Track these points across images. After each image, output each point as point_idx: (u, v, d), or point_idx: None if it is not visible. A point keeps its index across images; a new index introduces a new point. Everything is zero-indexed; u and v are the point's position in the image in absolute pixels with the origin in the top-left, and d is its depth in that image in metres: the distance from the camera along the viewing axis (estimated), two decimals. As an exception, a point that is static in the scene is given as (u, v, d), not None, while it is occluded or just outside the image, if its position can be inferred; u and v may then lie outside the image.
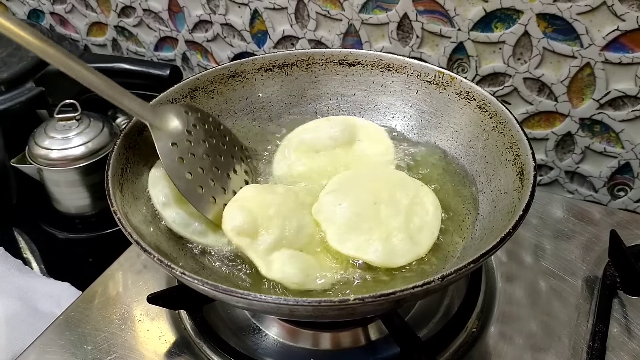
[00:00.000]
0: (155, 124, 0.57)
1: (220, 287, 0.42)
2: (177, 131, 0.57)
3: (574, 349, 0.57)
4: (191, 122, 0.59)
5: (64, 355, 0.58)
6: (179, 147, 0.56)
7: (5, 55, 0.91)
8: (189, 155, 0.57)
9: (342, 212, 0.55)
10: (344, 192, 0.57)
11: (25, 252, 0.85)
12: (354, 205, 0.55)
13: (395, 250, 0.53)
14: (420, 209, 0.57)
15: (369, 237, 0.54)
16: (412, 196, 0.57)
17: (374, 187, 0.58)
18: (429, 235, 0.55)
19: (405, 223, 0.55)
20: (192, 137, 0.58)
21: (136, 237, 0.46)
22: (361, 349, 0.59)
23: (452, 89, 0.64)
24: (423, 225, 0.56)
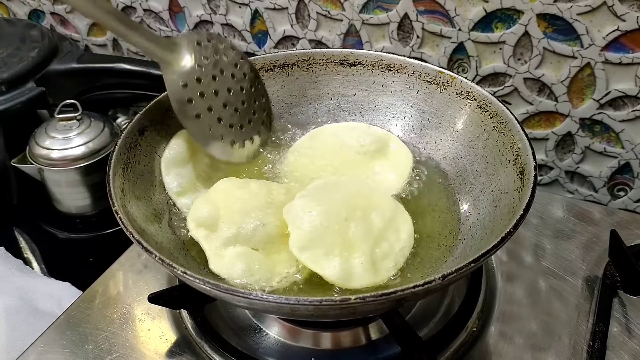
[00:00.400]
0: (166, 59, 0.55)
1: (221, 287, 0.42)
2: (187, 68, 0.56)
3: (574, 348, 0.57)
4: (203, 55, 0.58)
5: (65, 355, 0.58)
6: (189, 87, 0.56)
7: (6, 56, 0.91)
8: (199, 95, 0.56)
9: (309, 219, 0.52)
10: (318, 200, 0.54)
11: (26, 252, 0.85)
12: (324, 216, 0.52)
13: (352, 272, 0.51)
14: (393, 235, 0.54)
15: (330, 252, 0.51)
16: (388, 219, 0.55)
17: (351, 202, 0.55)
18: (392, 265, 0.53)
19: (371, 247, 0.52)
20: (203, 72, 0.57)
21: (137, 237, 0.46)
22: (362, 349, 0.59)
23: (453, 89, 0.64)
24: (390, 253, 0.53)
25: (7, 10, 1.12)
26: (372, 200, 0.56)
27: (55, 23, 1.09)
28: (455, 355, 0.57)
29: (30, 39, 0.95)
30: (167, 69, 0.55)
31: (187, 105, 0.56)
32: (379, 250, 0.53)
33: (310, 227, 0.52)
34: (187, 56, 0.57)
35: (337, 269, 0.50)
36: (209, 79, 0.58)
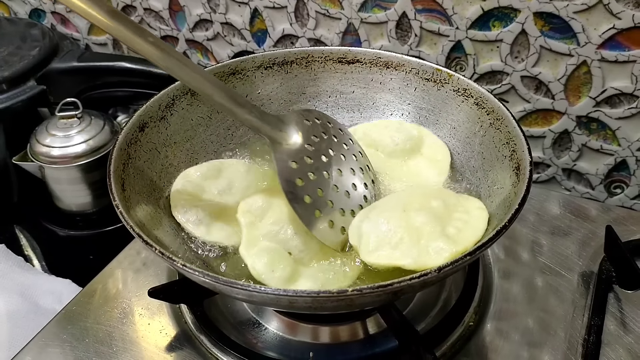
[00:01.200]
0: (276, 137, 0.53)
1: (220, 279, 0.43)
2: (297, 146, 0.54)
3: (570, 342, 0.58)
4: (311, 134, 0.55)
5: (66, 349, 0.59)
6: (299, 166, 0.53)
7: (7, 54, 0.91)
8: (308, 175, 0.53)
9: (367, 227, 0.53)
10: (370, 210, 0.55)
11: (27, 249, 0.86)
12: (382, 217, 0.53)
13: (428, 252, 0.50)
14: (463, 214, 0.54)
15: (400, 243, 0.51)
16: (452, 203, 0.55)
17: (406, 200, 0.55)
18: (471, 233, 0.51)
19: (441, 227, 0.52)
20: (312, 152, 0.54)
21: (138, 231, 0.47)
22: (360, 343, 0.59)
23: (450, 86, 0.65)
24: (464, 228, 0.52)
25: (8, 9, 1.13)
26: (427, 194, 0.57)
27: (55, 22, 1.09)
28: (452, 350, 0.57)
29: (31, 37, 0.96)
30: (277, 148, 0.53)
31: (296, 186, 0.52)
32: (451, 228, 0.52)
33: (374, 233, 0.52)
34: (295, 135, 0.55)
35: (412, 253, 0.50)
36: (319, 160, 0.55)
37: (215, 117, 0.67)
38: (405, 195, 0.57)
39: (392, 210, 0.54)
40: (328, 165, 0.55)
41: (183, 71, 0.49)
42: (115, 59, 0.93)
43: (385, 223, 0.52)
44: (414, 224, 0.52)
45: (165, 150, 0.62)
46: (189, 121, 0.65)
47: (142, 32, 0.47)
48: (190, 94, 0.65)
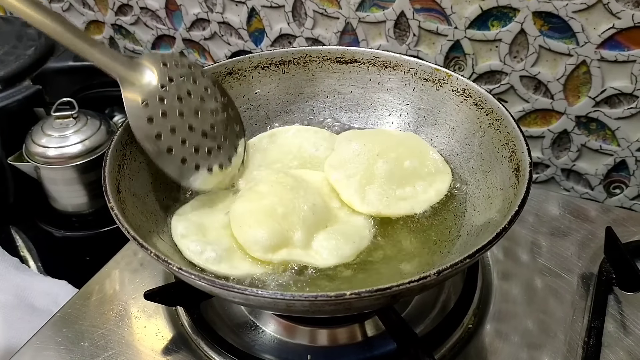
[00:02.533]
0: (127, 77, 0.53)
1: (217, 282, 0.42)
2: (150, 87, 0.54)
3: (570, 345, 0.57)
4: (167, 75, 0.55)
5: (61, 352, 0.58)
6: (150, 106, 0.53)
7: (2, 54, 0.91)
8: (161, 115, 0.53)
9: (346, 146, 0.61)
10: (361, 135, 0.63)
11: (22, 251, 0.85)
12: (359, 146, 0.60)
13: (364, 197, 0.57)
14: (421, 186, 0.59)
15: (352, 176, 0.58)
16: (425, 172, 0.60)
17: (391, 145, 0.61)
18: (408, 207, 0.57)
19: (392, 185, 0.58)
20: (167, 92, 0.54)
21: (133, 233, 0.46)
22: (358, 345, 0.59)
23: (449, 86, 0.64)
24: (409, 198, 0.58)
25: (4, 8, 1.12)
26: (415, 152, 0.61)
27: (51, 21, 1.08)
28: (451, 352, 0.57)
29: (26, 37, 0.95)
30: (127, 87, 0.53)
31: (146, 125, 0.53)
32: (399, 191, 0.58)
33: (344, 152, 0.60)
34: (150, 75, 0.54)
35: (351, 189, 0.57)
36: (173, 100, 0.55)
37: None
38: (396, 142, 0.62)
39: (369, 148, 0.60)
40: (183, 106, 0.55)
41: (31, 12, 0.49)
42: (112, 59, 0.92)
43: (357, 154, 0.60)
44: (374, 169, 0.59)
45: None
46: (186, 122, 0.64)
47: None
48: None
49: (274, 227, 0.53)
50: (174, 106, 0.54)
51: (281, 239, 0.52)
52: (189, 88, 0.57)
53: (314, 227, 0.54)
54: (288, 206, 0.54)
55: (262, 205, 0.54)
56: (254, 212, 0.54)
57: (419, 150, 0.62)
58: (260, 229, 0.52)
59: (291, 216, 0.54)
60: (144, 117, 0.52)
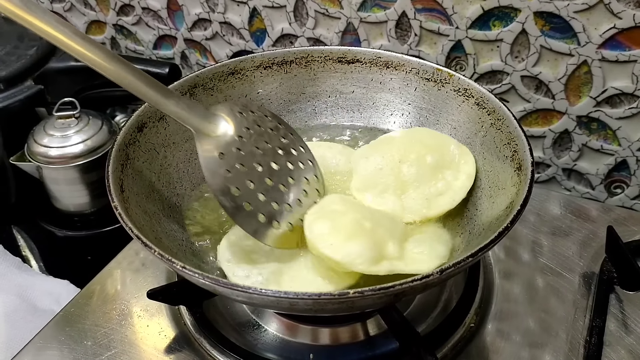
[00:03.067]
0: (203, 129, 0.50)
1: (221, 281, 0.42)
2: (227, 138, 0.51)
3: (571, 343, 0.58)
4: (243, 125, 0.53)
5: (64, 351, 0.58)
6: (226, 158, 0.50)
7: (4, 54, 0.91)
8: (238, 167, 0.51)
9: (365, 164, 0.60)
10: (375, 148, 0.61)
11: (24, 250, 0.85)
12: (379, 160, 0.59)
13: (404, 207, 0.57)
14: (451, 175, 0.58)
15: (384, 191, 0.58)
16: (447, 161, 0.59)
17: (407, 147, 0.60)
18: (448, 201, 0.57)
19: (425, 186, 0.58)
20: (244, 143, 0.52)
21: (136, 232, 0.46)
22: (360, 344, 0.59)
23: (450, 86, 0.64)
24: (446, 191, 0.58)
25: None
26: (429, 145, 0.60)
27: (53, 21, 1.08)
28: (453, 351, 0.57)
29: (28, 37, 0.95)
30: (203, 139, 0.50)
31: (223, 178, 0.50)
32: (433, 189, 0.58)
33: (365, 170, 0.59)
34: (226, 125, 0.52)
35: (390, 204, 0.57)
36: (250, 151, 0.52)
37: (215, 117, 0.66)
38: (409, 142, 0.61)
39: (389, 158, 0.59)
40: (261, 158, 0.52)
41: (105, 63, 0.47)
42: (113, 59, 0.92)
43: (379, 168, 0.59)
44: (402, 176, 0.58)
45: (164, 150, 0.61)
46: (188, 121, 0.64)
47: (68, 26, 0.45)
48: (189, 94, 0.65)
49: (370, 239, 0.49)
50: (251, 157, 0.52)
51: (379, 251, 0.49)
52: (266, 138, 0.54)
53: (402, 237, 0.53)
54: (372, 220, 0.52)
55: (348, 221, 0.51)
56: (342, 228, 0.50)
57: (433, 141, 0.61)
58: (358, 242, 0.49)
59: (379, 229, 0.51)
60: (220, 171, 0.50)
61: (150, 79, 0.49)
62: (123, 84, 0.48)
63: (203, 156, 0.50)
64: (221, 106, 0.54)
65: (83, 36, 0.46)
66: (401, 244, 0.52)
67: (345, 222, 0.51)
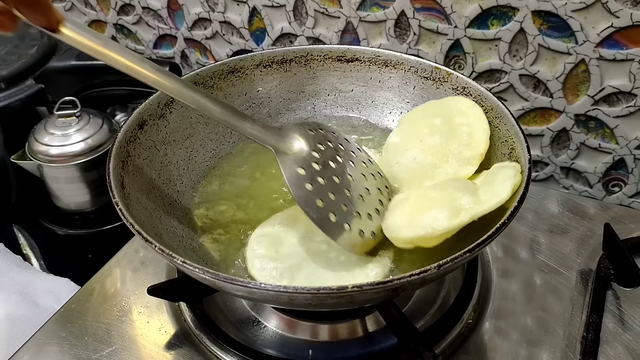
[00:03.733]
0: (280, 148, 0.53)
1: (221, 276, 0.43)
2: (304, 154, 0.53)
3: (569, 340, 0.58)
4: (316, 142, 0.55)
5: (65, 347, 0.59)
6: (307, 173, 0.52)
7: (5, 53, 0.91)
8: (318, 180, 0.53)
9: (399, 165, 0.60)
10: (395, 147, 0.62)
11: (25, 248, 0.86)
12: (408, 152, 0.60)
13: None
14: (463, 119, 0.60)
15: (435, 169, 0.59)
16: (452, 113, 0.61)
17: (414, 128, 0.61)
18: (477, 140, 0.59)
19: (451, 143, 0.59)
20: (320, 158, 0.54)
21: (137, 228, 0.47)
22: (359, 340, 0.59)
23: (449, 84, 0.65)
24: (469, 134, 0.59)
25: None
26: (429, 113, 0.62)
27: (54, 21, 1.09)
28: (451, 347, 0.57)
29: (29, 36, 0.96)
30: (283, 157, 0.53)
31: (307, 191, 0.52)
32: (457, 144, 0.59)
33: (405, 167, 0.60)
34: (300, 143, 0.54)
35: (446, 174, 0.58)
36: (328, 165, 0.54)
37: (214, 115, 0.67)
38: (410, 127, 0.62)
39: (409, 143, 0.60)
40: (337, 170, 0.55)
41: (187, 94, 0.51)
42: (114, 58, 0.92)
43: (411, 156, 0.59)
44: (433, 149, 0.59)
45: (165, 148, 0.62)
46: (188, 119, 0.65)
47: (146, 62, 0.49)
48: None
49: (440, 203, 0.51)
50: (329, 171, 0.54)
51: (454, 207, 0.50)
52: (338, 153, 0.56)
53: (472, 189, 0.53)
54: (436, 189, 0.54)
55: (413, 202, 0.53)
56: (410, 210, 0.53)
57: (432, 109, 0.63)
58: (429, 212, 0.50)
59: (445, 192, 0.53)
60: (304, 185, 0.52)
61: (228, 106, 0.53)
62: (205, 112, 0.52)
63: (287, 172, 0.52)
64: (292, 125, 0.56)
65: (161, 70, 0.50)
66: (473, 194, 0.52)
67: (411, 204, 0.53)
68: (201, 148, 0.65)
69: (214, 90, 0.67)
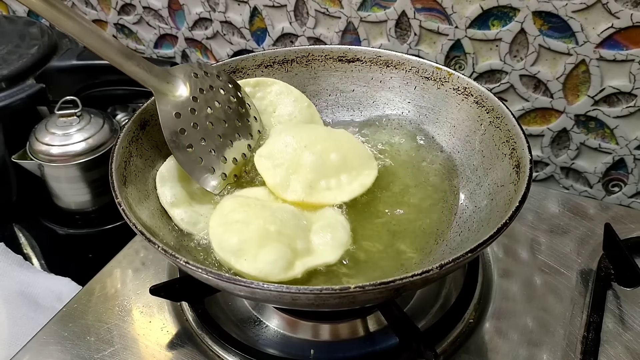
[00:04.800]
0: (161, 89, 0.56)
1: (224, 276, 0.43)
2: (182, 99, 0.57)
3: (569, 340, 0.58)
4: (198, 87, 0.58)
5: (67, 346, 0.59)
6: (182, 117, 0.56)
7: (6, 53, 0.91)
8: (192, 126, 0.57)
9: (277, 138, 0.61)
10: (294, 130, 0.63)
11: (26, 248, 0.86)
12: (289, 139, 0.60)
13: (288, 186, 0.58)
14: (347, 178, 0.59)
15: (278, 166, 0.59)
16: (351, 166, 0.60)
17: (319, 139, 0.61)
18: (331, 197, 0.58)
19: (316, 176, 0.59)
20: (198, 104, 0.58)
21: (140, 228, 0.47)
22: (360, 340, 0.59)
23: (450, 84, 0.65)
24: (334, 189, 0.59)
25: (7, 7, 1.12)
26: (343, 146, 0.62)
27: (54, 21, 1.09)
28: (452, 346, 0.58)
29: (29, 36, 0.95)
30: (161, 99, 0.56)
31: (179, 136, 0.56)
32: (324, 182, 0.59)
33: (275, 143, 0.61)
34: (182, 87, 0.57)
35: (277, 178, 0.58)
36: (204, 111, 0.58)
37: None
38: (324, 136, 0.62)
39: (298, 140, 0.60)
40: (212, 117, 0.58)
41: (69, 23, 0.50)
42: (115, 58, 0.92)
43: (284, 145, 0.60)
44: (300, 160, 0.59)
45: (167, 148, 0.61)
46: (190, 119, 0.65)
47: None
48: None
49: (278, 245, 0.51)
50: (204, 117, 0.58)
51: (290, 253, 0.51)
52: (217, 98, 0.60)
53: (306, 231, 0.55)
54: (276, 222, 0.53)
55: (254, 230, 0.52)
56: (251, 240, 0.51)
57: (347, 144, 0.63)
58: (268, 252, 0.50)
59: (285, 229, 0.53)
60: (176, 129, 0.56)
61: (112, 40, 0.53)
62: (87, 43, 0.52)
63: (161, 114, 0.55)
64: (179, 67, 0.59)
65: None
66: (307, 236, 0.54)
67: (252, 233, 0.52)
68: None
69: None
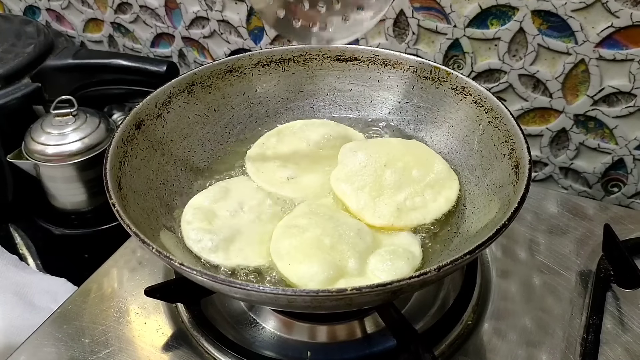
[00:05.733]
0: None
1: (218, 278, 0.43)
2: None
3: (568, 341, 0.58)
4: None
5: (61, 348, 0.58)
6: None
7: (2, 52, 0.91)
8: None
9: (352, 158, 0.60)
10: (366, 146, 0.62)
11: (22, 248, 0.85)
12: (365, 157, 0.60)
13: (375, 209, 0.57)
14: (431, 194, 0.58)
15: (361, 189, 0.58)
16: (432, 179, 0.59)
17: (397, 154, 0.60)
18: (419, 217, 0.57)
19: (402, 196, 0.57)
20: None
21: (135, 229, 0.46)
22: (357, 342, 0.59)
23: (448, 84, 0.64)
24: (420, 208, 0.58)
25: (3, 6, 1.12)
26: (422, 160, 0.61)
27: (50, 19, 1.08)
28: (450, 348, 0.57)
29: (25, 35, 0.95)
30: None
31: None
32: (409, 202, 0.58)
33: (350, 163, 0.60)
34: None
35: (361, 203, 0.57)
36: None
37: (212, 115, 0.67)
38: (401, 151, 0.61)
39: (375, 159, 0.60)
40: None
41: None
42: (111, 57, 0.92)
43: (363, 165, 0.59)
44: (382, 180, 0.58)
45: (162, 148, 0.61)
46: (186, 119, 0.64)
47: None
48: (187, 92, 0.65)
49: (325, 259, 0.51)
50: None
51: (335, 270, 0.51)
52: None
53: (365, 252, 0.53)
54: (334, 235, 0.53)
55: (307, 239, 0.53)
56: (300, 247, 0.53)
57: (425, 158, 0.62)
58: (312, 264, 0.51)
59: (339, 245, 0.53)
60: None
61: None
62: None
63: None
64: None
65: None
66: (364, 258, 0.53)
67: (305, 240, 0.53)
68: (199, 148, 0.65)
69: (211, 90, 0.67)
